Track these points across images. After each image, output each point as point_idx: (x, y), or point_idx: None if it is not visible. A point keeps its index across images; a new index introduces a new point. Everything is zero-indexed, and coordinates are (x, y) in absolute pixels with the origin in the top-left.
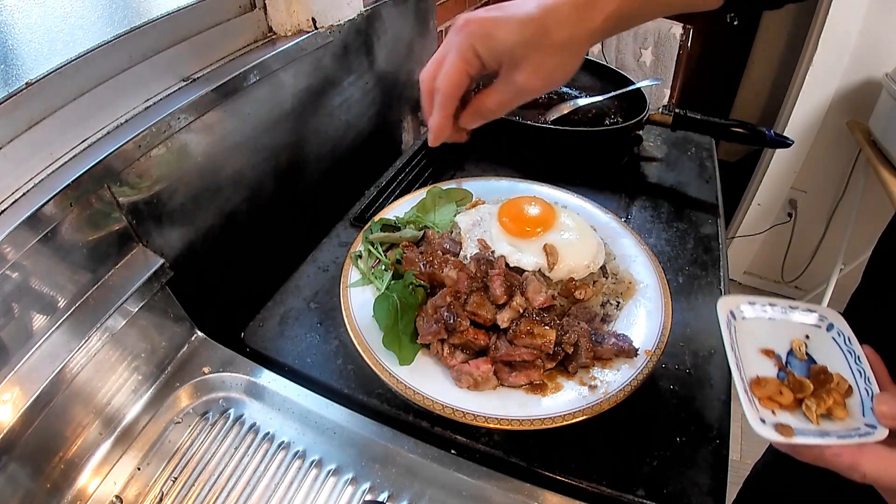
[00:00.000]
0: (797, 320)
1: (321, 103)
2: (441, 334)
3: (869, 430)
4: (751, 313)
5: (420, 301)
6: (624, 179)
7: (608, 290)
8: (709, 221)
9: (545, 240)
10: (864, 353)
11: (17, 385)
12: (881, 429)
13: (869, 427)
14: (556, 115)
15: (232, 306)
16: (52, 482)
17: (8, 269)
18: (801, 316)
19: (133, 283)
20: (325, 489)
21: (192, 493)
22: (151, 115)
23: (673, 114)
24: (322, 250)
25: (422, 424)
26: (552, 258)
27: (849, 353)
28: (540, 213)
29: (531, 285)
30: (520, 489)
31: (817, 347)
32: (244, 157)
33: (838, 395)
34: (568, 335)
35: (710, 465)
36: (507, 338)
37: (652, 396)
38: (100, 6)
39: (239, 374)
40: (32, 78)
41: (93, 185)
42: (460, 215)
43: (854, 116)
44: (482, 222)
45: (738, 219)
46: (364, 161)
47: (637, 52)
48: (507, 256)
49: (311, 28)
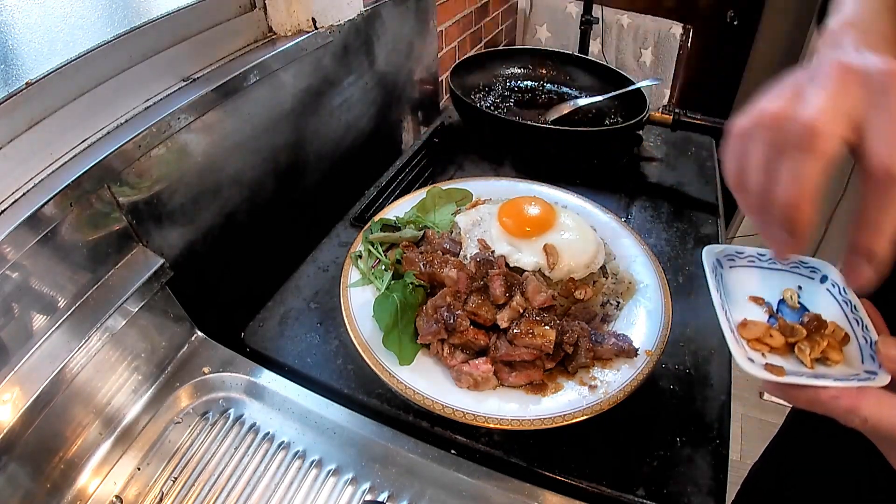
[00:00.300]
0: (788, 271)
1: (321, 103)
2: (441, 334)
3: (869, 375)
4: (739, 262)
5: (420, 301)
6: (624, 179)
7: (608, 290)
8: (709, 221)
9: (545, 240)
10: (861, 302)
11: (17, 385)
12: (883, 374)
13: (869, 373)
14: (556, 115)
15: (232, 306)
16: (52, 482)
17: (8, 269)
18: (792, 267)
19: (133, 283)
20: (325, 489)
21: (192, 493)
22: (151, 115)
23: (673, 114)
24: (322, 250)
25: (422, 424)
26: (552, 258)
27: (844, 303)
28: (540, 214)
29: (531, 285)
30: (520, 489)
31: (810, 298)
32: (244, 157)
33: (833, 341)
34: (568, 335)
35: (710, 465)
36: (506, 338)
37: (652, 396)
38: (100, 6)
39: (239, 374)
40: (32, 78)
41: (93, 185)
42: (460, 215)
43: None
44: (482, 222)
45: (738, 219)
46: (364, 161)
47: (637, 52)
48: (506, 256)
49: (311, 28)
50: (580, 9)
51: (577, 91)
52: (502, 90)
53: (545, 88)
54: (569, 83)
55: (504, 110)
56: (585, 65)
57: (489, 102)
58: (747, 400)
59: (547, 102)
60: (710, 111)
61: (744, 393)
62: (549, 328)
